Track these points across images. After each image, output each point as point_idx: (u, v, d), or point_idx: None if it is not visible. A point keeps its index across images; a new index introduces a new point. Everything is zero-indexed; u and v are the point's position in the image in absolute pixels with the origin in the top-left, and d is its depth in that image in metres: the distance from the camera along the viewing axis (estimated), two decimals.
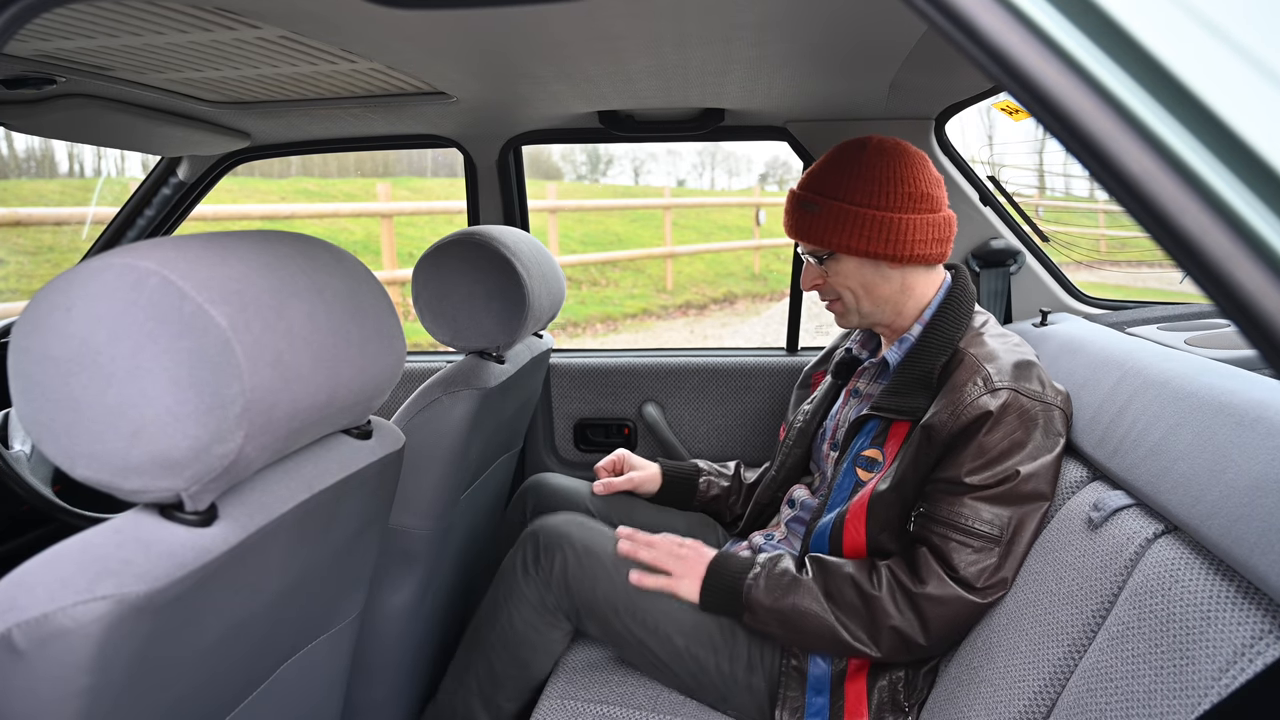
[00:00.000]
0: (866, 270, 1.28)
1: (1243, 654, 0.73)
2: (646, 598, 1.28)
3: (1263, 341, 0.44)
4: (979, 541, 1.12)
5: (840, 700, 1.20)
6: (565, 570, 1.30)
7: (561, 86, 1.42)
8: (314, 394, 0.69)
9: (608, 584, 1.28)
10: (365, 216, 8.72)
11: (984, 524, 1.12)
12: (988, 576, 1.12)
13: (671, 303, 9.12)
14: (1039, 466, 1.13)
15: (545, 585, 1.31)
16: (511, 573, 1.34)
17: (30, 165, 11.32)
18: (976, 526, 1.12)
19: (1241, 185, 0.44)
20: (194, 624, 0.65)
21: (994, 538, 1.12)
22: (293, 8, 0.93)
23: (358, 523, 0.90)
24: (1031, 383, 1.16)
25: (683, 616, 1.28)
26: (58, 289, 0.58)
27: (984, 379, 1.15)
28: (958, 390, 1.15)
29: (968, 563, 1.12)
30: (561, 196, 11.11)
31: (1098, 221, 8.08)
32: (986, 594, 1.12)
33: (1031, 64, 0.47)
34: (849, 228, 1.25)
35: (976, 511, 1.12)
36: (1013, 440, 1.13)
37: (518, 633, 1.33)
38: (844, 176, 1.26)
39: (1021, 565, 1.14)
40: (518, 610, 1.33)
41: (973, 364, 1.17)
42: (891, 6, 0.97)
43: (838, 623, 1.16)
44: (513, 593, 1.33)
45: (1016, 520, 1.12)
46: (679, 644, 1.27)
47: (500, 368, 1.37)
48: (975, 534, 1.12)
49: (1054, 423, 1.16)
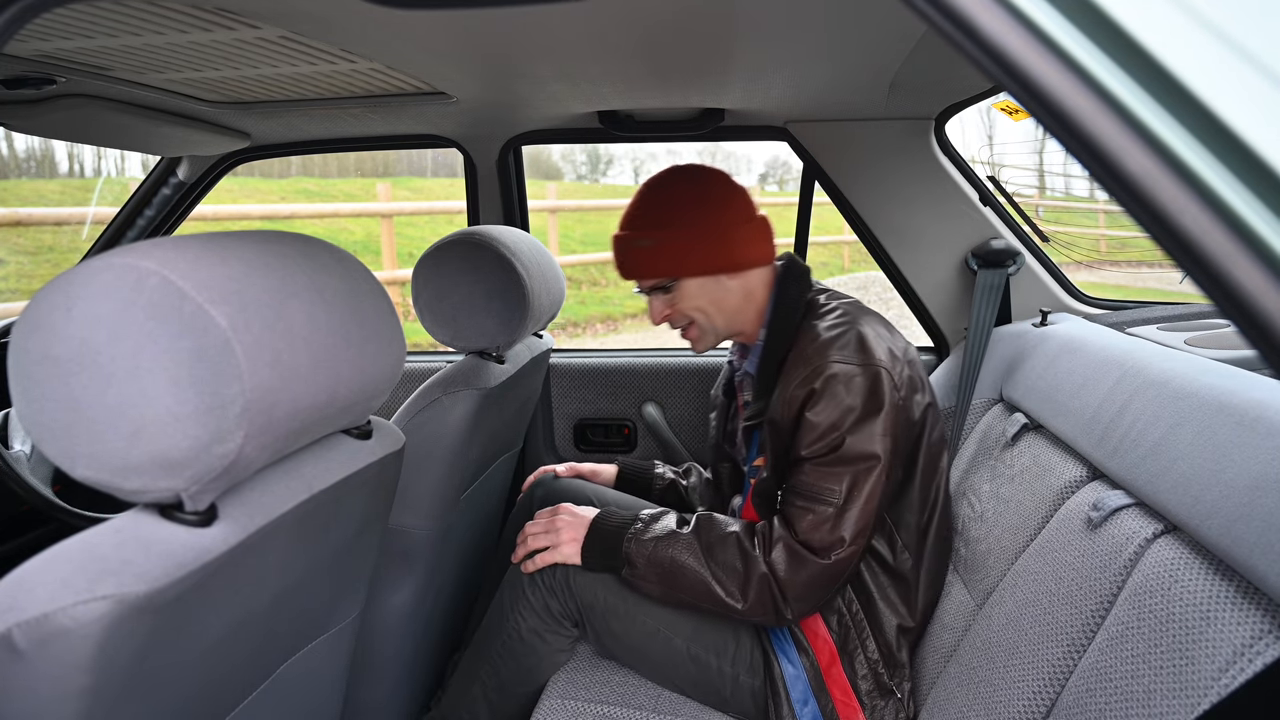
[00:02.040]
0: (709, 288, 1.33)
1: (1242, 654, 0.73)
2: (648, 602, 1.28)
3: (1262, 341, 0.44)
4: (816, 505, 1.17)
5: (829, 703, 1.21)
6: (569, 575, 1.30)
7: (561, 86, 1.42)
8: (314, 394, 0.69)
9: (610, 588, 1.29)
10: (365, 216, 8.72)
11: (817, 489, 1.18)
12: (823, 535, 1.17)
13: None
14: (865, 429, 1.17)
15: (550, 591, 1.32)
16: (518, 581, 1.35)
17: (30, 165, 11.33)
18: (811, 491, 1.18)
19: (1241, 185, 0.44)
20: (194, 624, 0.65)
21: (828, 500, 1.17)
22: (293, 8, 0.93)
23: (358, 523, 0.90)
24: (847, 350, 1.20)
25: (683, 620, 1.28)
26: (58, 289, 0.58)
27: (806, 362, 1.21)
28: (786, 379, 1.22)
29: (806, 526, 1.17)
30: (561, 196, 11.10)
31: (1098, 221, 8.08)
32: (826, 554, 1.17)
33: (1031, 64, 0.47)
34: (683, 252, 1.30)
35: (810, 479, 1.18)
36: (838, 408, 1.17)
37: (525, 641, 1.34)
38: (663, 208, 1.32)
39: (867, 527, 1.19)
40: (524, 619, 1.33)
41: (798, 353, 1.24)
42: (891, 7, 0.97)
43: (712, 576, 1.20)
44: (519, 601, 1.34)
45: (849, 482, 1.17)
46: (680, 645, 1.28)
47: (500, 368, 1.37)
48: (812, 498, 1.18)
49: (879, 384, 1.19)
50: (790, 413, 1.20)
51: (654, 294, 1.36)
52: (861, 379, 1.17)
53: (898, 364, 1.22)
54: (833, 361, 1.18)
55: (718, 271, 1.31)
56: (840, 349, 1.19)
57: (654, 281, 1.34)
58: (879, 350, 1.21)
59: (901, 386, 1.21)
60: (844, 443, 1.17)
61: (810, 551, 1.17)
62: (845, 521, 1.17)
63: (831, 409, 1.17)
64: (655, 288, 1.35)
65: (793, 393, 1.20)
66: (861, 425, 1.17)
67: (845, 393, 1.17)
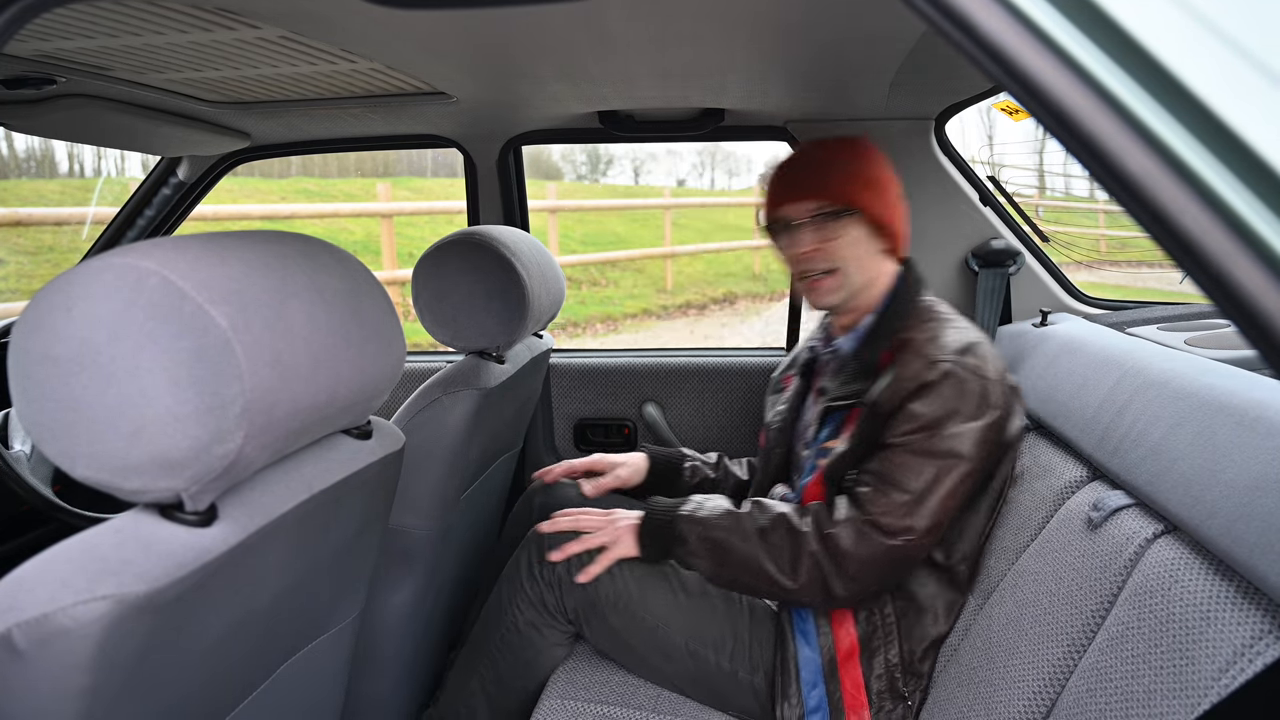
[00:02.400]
0: (865, 244, 1.32)
1: (1243, 654, 0.73)
2: (647, 597, 1.28)
3: (1262, 341, 0.44)
4: (893, 490, 1.16)
5: (838, 691, 1.20)
6: (568, 571, 1.30)
7: (561, 86, 1.42)
8: (314, 394, 0.69)
9: (608, 583, 1.29)
10: (365, 216, 8.71)
11: (898, 475, 1.16)
12: (894, 519, 1.15)
13: (671, 303, 9.12)
14: (963, 429, 1.16)
15: (548, 586, 1.32)
16: (516, 575, 1.35)
17: (30, 165, 11.33)
18: (891, 476, 1.16)
19: (1241, 185, 0.44)
20: (194, 624, 0.65)
21: (906, 488, 1.16)
22: (293, 8, 0.93)
23: (358, 523, 0.90)
24: (968, 357, 1.19)
25: (683, 616, 1.28)
26: (58, 289, 0.58)
27: (924, 356, 1.20)
28: (901, 368, 1.21)
29: (879, 508, 1.16)
30: (561, 196, 11.10)
31: (1098, 221, 8.09)
32: (893, 536, 1.15)
33: (1031, 64, 0.47)
34: (873, 189, 1.31)
35: (893, 464, 1.17)
36: (944, 406, 1.16)
37: (522, 635, 1.34)
38: (858, 148, 1.34)
39: (940, 524, 1.17)
40: (522, 613, 1.34)
41: (915, 346, 1.23)
42: (891, 7, 0.97)
43: (764, 554, 1.20)
44: (517, 595, 1.34)
45: (933, 474, 1.15)
46: (679, 641, 1.28)
47: (500, 368, 1.37)
48: (891, 482, 1.16)
49: (989, 395, 1.19)
50: (894, 400, 1.19)
51: (814, 222, 1.31)
52: (975, 385, 1.18)
53: (1006, 383, 1.23)
54: (952, 363, 1.18)
55: (882, 229, 1.31)
56: (960, 353, 1.19)
57: (828, 205, 1.29)
58: (997, 366, 1.23)
59: (1008, 406, 1.22)
60: (938, 437, 1.16)
61: (878, 530, 1.16)
62: (921, 511, 1.15)
63: (938, 404, 1.16)
64: (823, 214, 1.30)
65: (904, 383, 1.19)
66: (961, 425, 1.16)
67: (956, 394, 1.16)
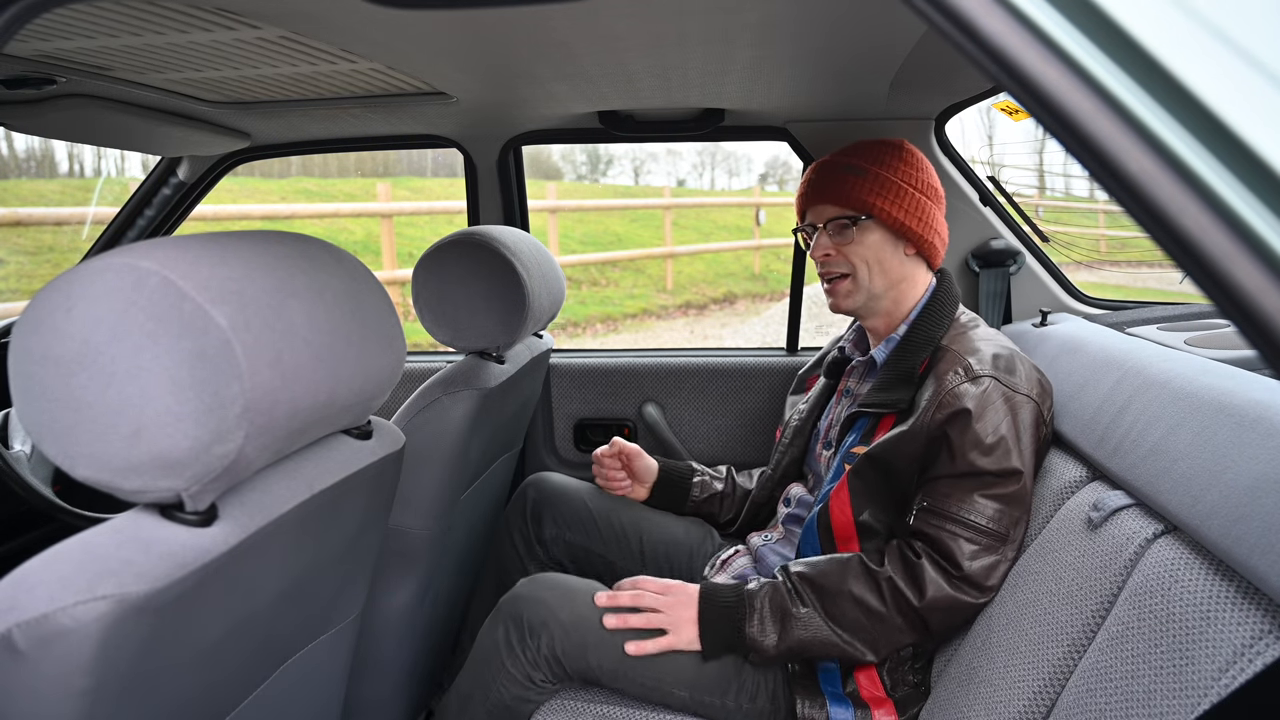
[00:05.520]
0: (886, 247, 1.32)
1: (1243, 654, 0.73)
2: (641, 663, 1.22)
3: (1262, 341, 0.44)
4: (983, 538, 1.13)
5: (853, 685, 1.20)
6: (554, 647, 1.23)
7: (561, 86, 1.42)
8: (314, 394, 0.69)
9: (598, 650, 1.22)
10: (365, 216, 8.72)
11: (986, 519, 1.13)
12: (988, 574, 1.13)
13: (671, 303, 9.12)
14: (1026, 455, 1.17)
15: (534, 664, 1.24)
16: (495, 652, 1.26)
17: (30, 165, 11.33)
18: (979, 521, 1.13)
19: (1241, 185, 0.44)
20: (194, 624, 0.65)
21: (997, 534, 1.13)
22: (293, 8, 0.93)
23: (358, 523, 0.90)
24: (1015, 376, 1.19)
25: (680, 670, 1.22)
26: (58, 289, 0.58)
27: (964, 368, 1.19)
28: (940, 379, 1.19)
29: (970, 558, 1.13)
30: (561, 196, 11.10)
31: (1098, 221, 8.09)
32: (989, 593, 1.13)
33: (1031, 64, 0.47)
34: (889, 194, 1.31)
35: (978, 506, 1.14)
36: (1007, 426, 1.15)
37: (508, 707, 1.26)
38: (890, 152, 1.34)
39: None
40: (506, 689, 1.25)
41: (954, 357, 1.21)
42: (891, 7, 0.97)
43: (842, 641, 1.17)
44: (500, 673, 1.25)
45: (1013, 517, 1.15)
46: (683, 695, 1.23)
47: (500, 368, 1.37)
48: (978, 529, 1.13)
49: (1041, 414, 1.20)
50: (942, 412, 1.16)
51: (830, 226, 1.34)
52: (1028, 408, 1.18)
53: (1047, 400, 1.24)
54: (1000, 379, 1.17)
55: (905, 233, 1.31)
56: (1008, 372, 1.19)
57: (843, 212, 1.32)
58: (1039, 383, 1.23)
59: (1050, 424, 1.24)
60: (1019, 475, 1.14)
61: (973, 587, 1.13)
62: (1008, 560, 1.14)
63: (1003, 423, 1.15)
64: (839, 219, 1.33)
65: (950, 391, 1.16)
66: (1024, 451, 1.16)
67: (1014, 412, 1.16)
